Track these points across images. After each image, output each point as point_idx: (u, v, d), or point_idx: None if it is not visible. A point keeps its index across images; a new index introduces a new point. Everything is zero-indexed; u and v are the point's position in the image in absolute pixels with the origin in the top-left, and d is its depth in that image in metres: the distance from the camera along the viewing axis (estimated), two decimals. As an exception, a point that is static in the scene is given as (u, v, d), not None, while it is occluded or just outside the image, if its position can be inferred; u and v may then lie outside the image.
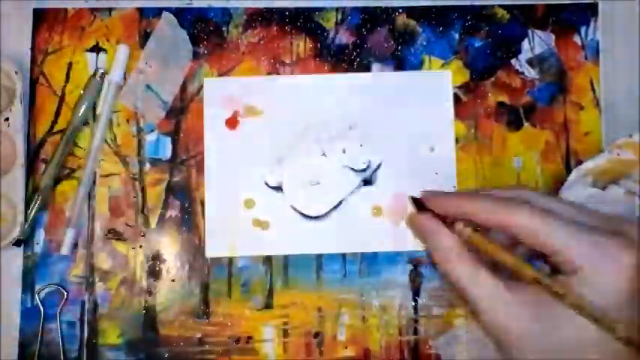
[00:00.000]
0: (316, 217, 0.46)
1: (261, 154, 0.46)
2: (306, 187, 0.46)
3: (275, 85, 0.47)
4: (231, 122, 0.47)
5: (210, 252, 0.46)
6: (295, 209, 0.46)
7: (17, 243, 0.45)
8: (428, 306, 0.45)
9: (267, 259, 0.46)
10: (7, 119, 0.45)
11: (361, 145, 0.46)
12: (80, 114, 0.46)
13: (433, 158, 0.46)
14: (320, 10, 0.48)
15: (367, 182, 0.46)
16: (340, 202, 0.46)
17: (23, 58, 0.47)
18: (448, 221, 0.32)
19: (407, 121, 0.47)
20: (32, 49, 0.47)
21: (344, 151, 0.46)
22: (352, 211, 0.46)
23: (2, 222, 0.44)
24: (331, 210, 0.46)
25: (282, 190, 0.46)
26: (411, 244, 0.46)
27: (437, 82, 0.47)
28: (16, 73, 0.45)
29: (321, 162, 0.46)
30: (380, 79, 0.47)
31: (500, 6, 0.48)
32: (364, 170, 0.46)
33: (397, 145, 0.46)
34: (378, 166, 0.46)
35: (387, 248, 0.46)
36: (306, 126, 0.46)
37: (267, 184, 0.46)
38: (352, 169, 0.46)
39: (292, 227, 0.46)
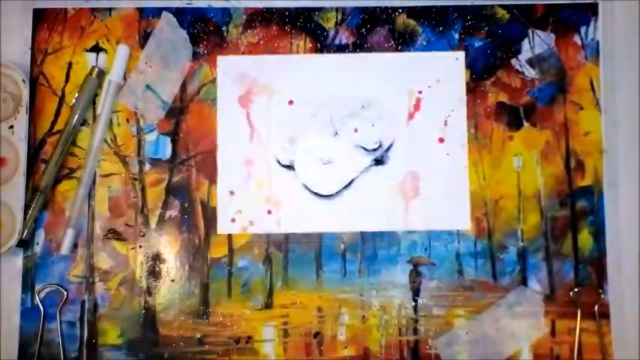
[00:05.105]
0: (327, 196, 0.46)
1: (274, 133, 0.47)
2: (318, 166, 0.46)
3: (288, 64, 0.47)
4: (244, 100, 0.47)
5: (222, 230, 0.46)
6: (307, 187, 0.46)
7: (20, 244, 0.45)
8: (428, 306, 0.45)
9: (267, 259, 0.46)
10: (11, 127, 0.45)
11: (373, 125, 0.46)
12: (78, 113, 0.46)
13: (444, 138, 0.46)
14: (320, 10, 0.48)
15: (379, 162, 0.46)
16: (351, 182, 0.46)
17: (23, 58, 0.47)
18: None
19: (419, 102, 0.47)
20: (32, 49, 0.47)
21: (356, 131, 0.46)
22: (363, 190, 0.46)
23: (2, 229, 0.44)
24: (342, 189, 0.46)
25: (293, 168, 0.46)
26: (420, 223, 0.46)
27: (449, 64, 0.47)
28: (23, 81, 0.45)
29: (332, 141, 0.46)
30: (392, 59, 0.47)
31: (500, 6, 0.48)
32: (375, 150, 0.46)
33: (409, 125, 0.47)
34: (390, 146, 0.46)
35: (399, 227, 0.46)
36: (319, 105, 0.47)
37: (279, 162, 0.46)
38: (364, 148, 0.46)
39: (303, 206, 0.46)
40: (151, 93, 0.47)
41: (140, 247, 0.46)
